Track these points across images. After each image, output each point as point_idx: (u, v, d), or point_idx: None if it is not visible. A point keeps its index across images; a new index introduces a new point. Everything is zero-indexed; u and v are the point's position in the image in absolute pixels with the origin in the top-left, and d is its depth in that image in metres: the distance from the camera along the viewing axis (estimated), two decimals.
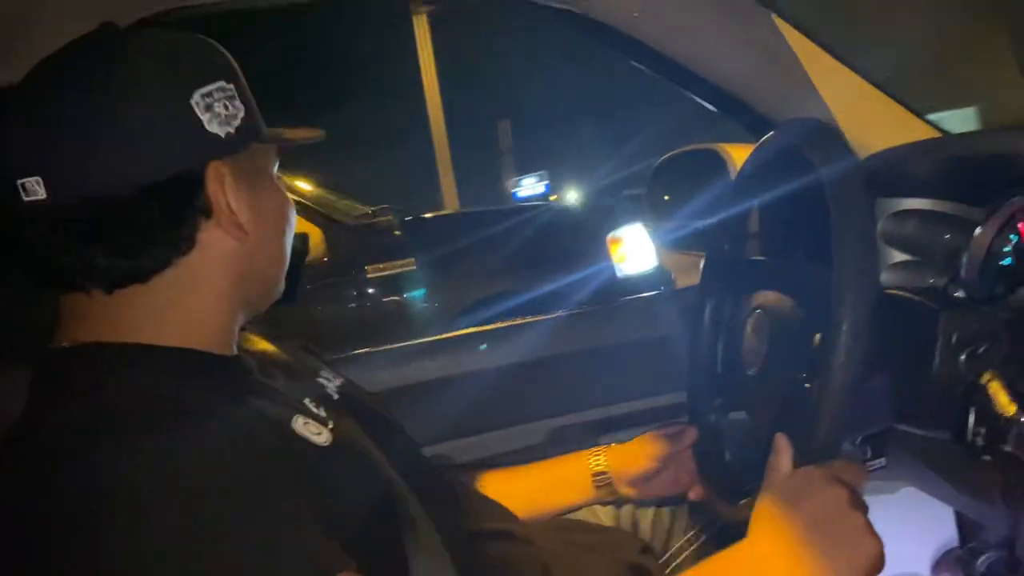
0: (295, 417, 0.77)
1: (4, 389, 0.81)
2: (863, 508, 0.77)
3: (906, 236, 1.04)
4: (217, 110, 0.76)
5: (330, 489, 0.73)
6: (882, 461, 1.00)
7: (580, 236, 4.26)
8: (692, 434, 1.13)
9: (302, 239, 0.92)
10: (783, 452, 0.81)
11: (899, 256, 1.04)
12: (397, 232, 4.37)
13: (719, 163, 1.37)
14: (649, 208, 1.64)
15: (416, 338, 1.57)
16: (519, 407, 1.56)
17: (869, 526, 0.76)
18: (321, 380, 0.93)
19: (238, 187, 0.77)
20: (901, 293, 1.00)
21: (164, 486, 0.63)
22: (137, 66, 0.74)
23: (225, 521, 0.63)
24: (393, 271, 4.03)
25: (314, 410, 0.81)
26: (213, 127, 0.75)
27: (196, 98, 0.74)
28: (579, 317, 1.71)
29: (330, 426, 0.80)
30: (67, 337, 0.75)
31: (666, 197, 1.60)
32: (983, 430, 0.80)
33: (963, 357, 0.84)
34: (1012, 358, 0.83)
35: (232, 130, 0.77)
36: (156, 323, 0.76)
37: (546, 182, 8.40)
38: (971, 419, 0.81)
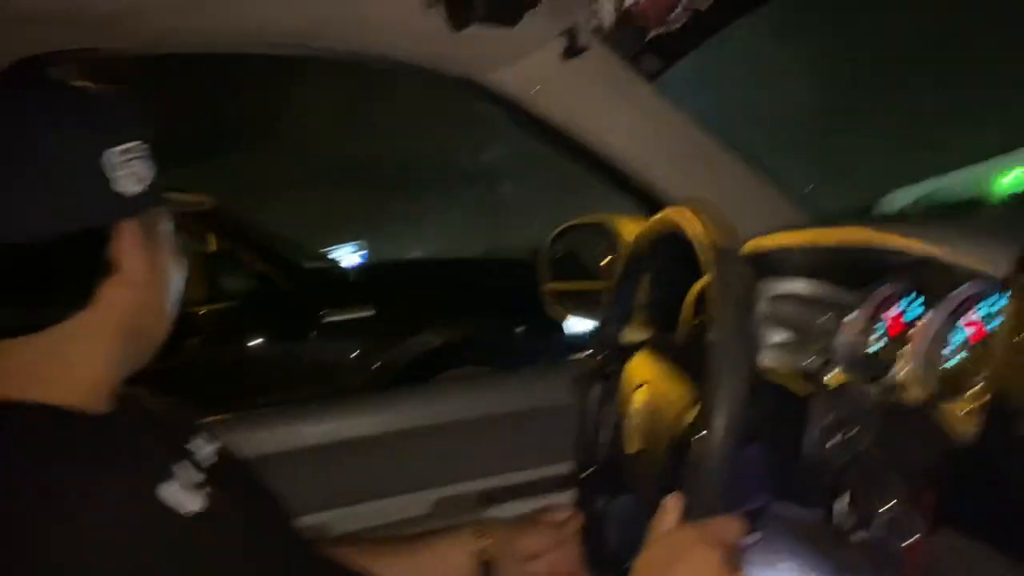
0: (164, 483, 0.74)
1: None
2: (737, 568, 0.77)
3: (784, 318, 1.07)
4: (130, 169, 0.75)
5: (195, 561, 0.70)
6: (757, 536, 1.01)
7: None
8: (577, 519, 1.12)
9: (260, 280, 0.91)
10: (667, 513, 0.81)
11: (778, 337, 1.07)
12: (352, 277, 4.36)
13: (609, 237, 1.40)
14: (546, 277, 1.65)
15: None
16: (401, 475, 1.53)
17: None
18: (195, 444, 0.89)
19: (140, 246, 0.77)
20: (777, 373, 1.03)
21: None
22: (54, 116, 0.73)
23: None
24: (350, 316, 3.99)
25: (185, 476, 0.78)
26: (125, 185, 0.74)
27: (112, 155, 0.73)
28: (469, 383, 1.70)
29: (202, 493, 0.76)
30: None
31: (559, 268, 1.62)
32: (852, 513, 0.82)
33: (834, 440, 0.87)
34: (880, 442, 0.86)
35: (142, 189, 0.76)
36: (31, 376, 0.73)
37: (364, 251, 8.23)
38: (840, 501, 0.83)
